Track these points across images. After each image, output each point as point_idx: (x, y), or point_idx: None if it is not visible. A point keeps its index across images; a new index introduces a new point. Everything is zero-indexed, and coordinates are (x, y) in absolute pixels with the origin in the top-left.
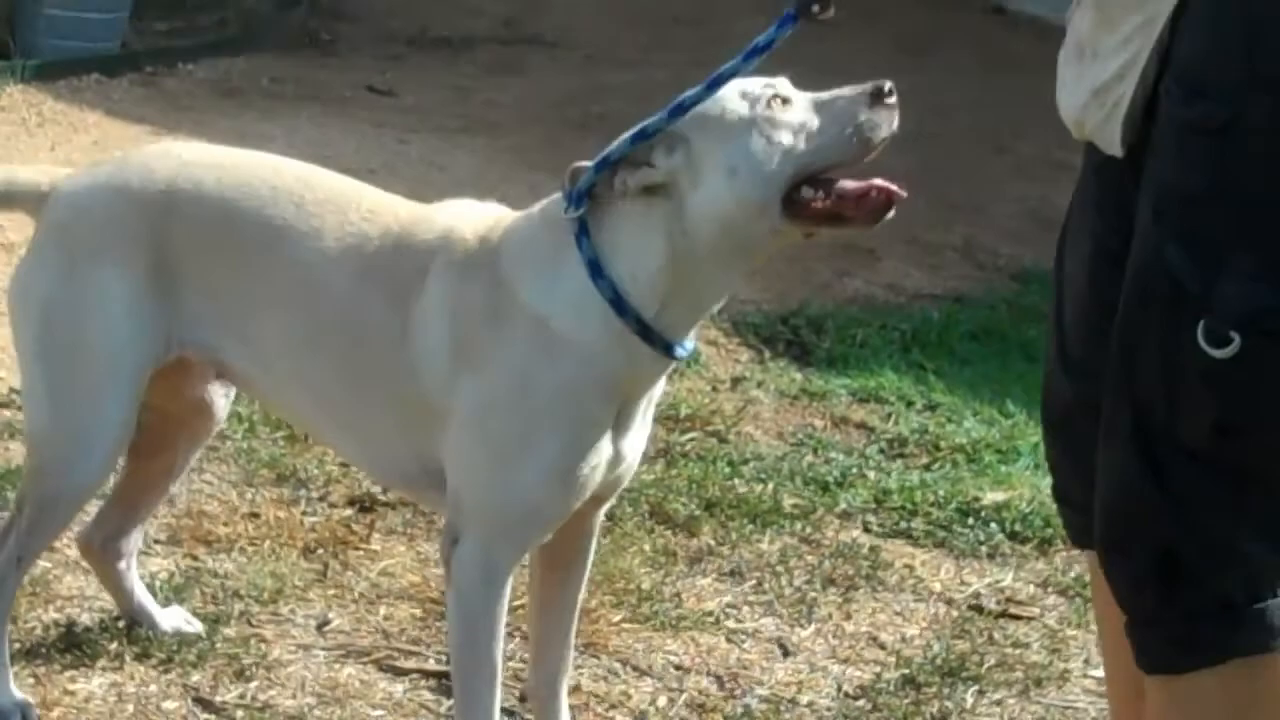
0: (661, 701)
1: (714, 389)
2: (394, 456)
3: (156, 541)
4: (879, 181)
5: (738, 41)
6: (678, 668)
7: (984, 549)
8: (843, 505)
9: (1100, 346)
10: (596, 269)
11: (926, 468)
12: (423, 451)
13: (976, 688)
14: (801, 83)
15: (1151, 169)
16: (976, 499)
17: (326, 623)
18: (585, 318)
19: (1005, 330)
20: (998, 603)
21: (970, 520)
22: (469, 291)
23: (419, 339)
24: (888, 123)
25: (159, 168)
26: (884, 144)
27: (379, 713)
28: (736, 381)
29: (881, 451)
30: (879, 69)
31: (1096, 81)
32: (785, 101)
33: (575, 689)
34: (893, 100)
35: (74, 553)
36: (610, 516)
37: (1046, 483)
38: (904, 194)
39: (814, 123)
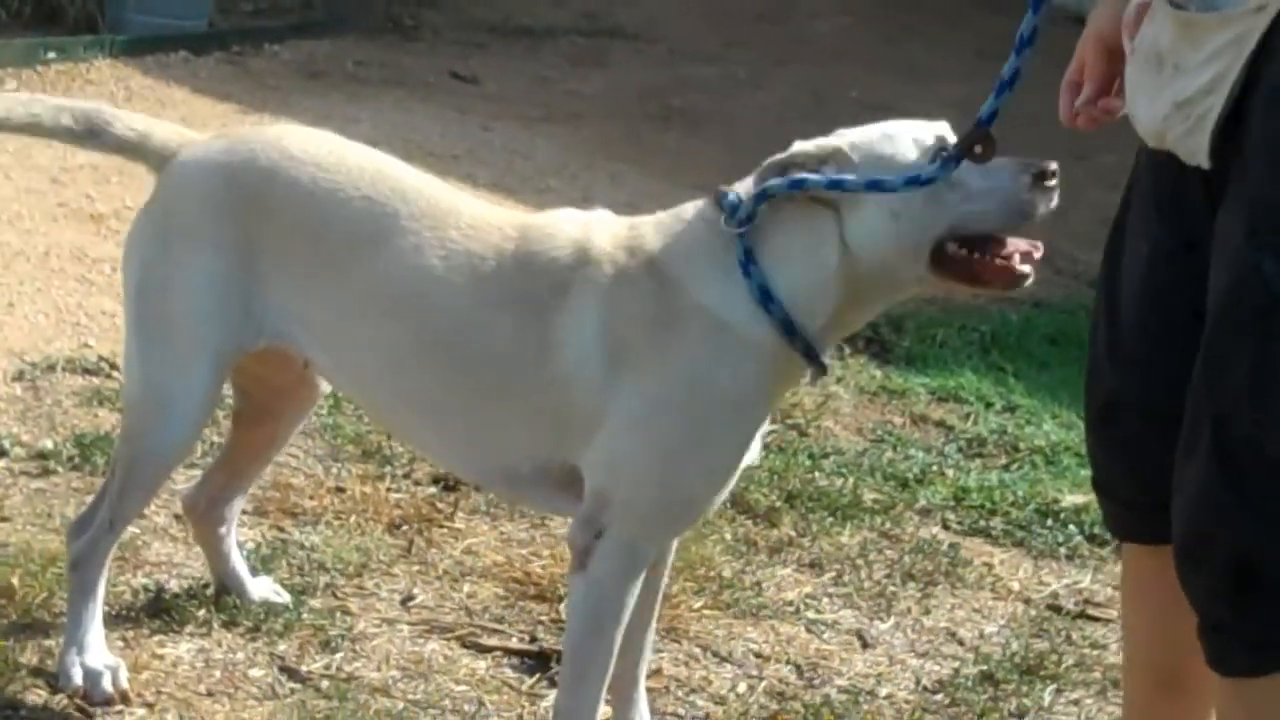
0: (741, 688)
1: None
2: (500, 460)
3: (244, 513)
4: (1020, 253)
5: (818, 40)
6: (758, 655)
7: (1062, 550)
8: (922, 502)
9: (1158, 346)
10: (762, 284)
11: (1005, 468)
12: (543, 455)
13: (1054, 686)
14: (888, 85)
15: (1243, 184)
16: (1055, 500)
17: (411, 598)
18: (754, 318)
19: (1083, 335)
20: (1076, 603)
21: (1049, 521)
22: (627, 300)
23: (566, 355)
24: (1045, 203)
25: (262, 158)
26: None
27: (462, 688)
28: None
29: (960, 450)
30: (960, 75)
31: (1180, 95)
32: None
33: (656, 673)
34: (1054, 184)
35: (163, 520)
36: None
37: None
38: (1031, 277)
39: (976, 186)
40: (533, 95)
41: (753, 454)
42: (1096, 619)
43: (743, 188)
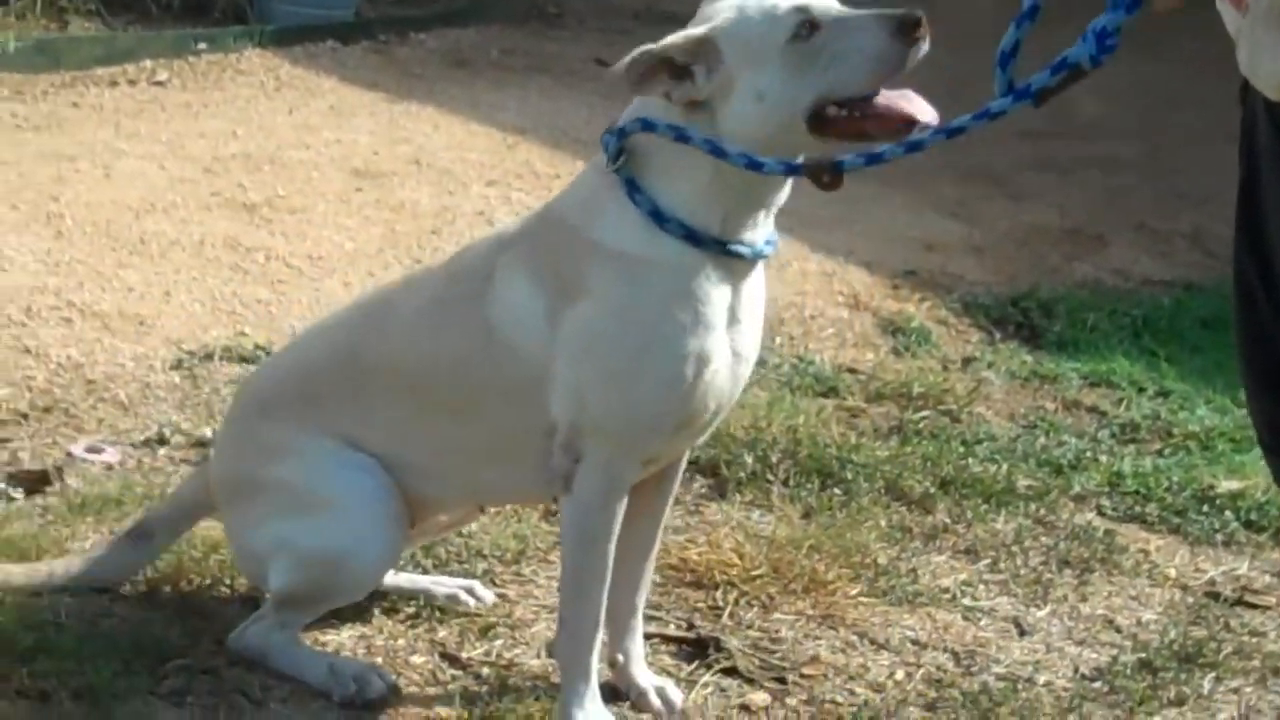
0: (899, 675)
1: (945, 368)
2: (530, 460)
3: None
4: (901, 104)
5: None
6: (915, 643)
7: (1219, 536)
8: (1076, 488)
9: None
10: (651, 209)
11: (1159, 453)
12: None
13: (1214, 674)
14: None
15: None
16: (1211, 486)
17: None
18: (652, 239)
19: None
20: (1233, 590)
21: (1205, 508)
22: (541, 256)
23: (507, 322)
24: (908, 57)
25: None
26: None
27: None
28: (967, 362)
29: (1114, 436)
30: (1111, 58)
31: None
32: (813, 27)
33: (813, 659)
34: (921, 32)
35: None
36: (846, 491)
37: None
38: (931, 119)
39: (836, 49)
40: None
41: (750, 351)
42: (1254, 606)
43: (623, 117)
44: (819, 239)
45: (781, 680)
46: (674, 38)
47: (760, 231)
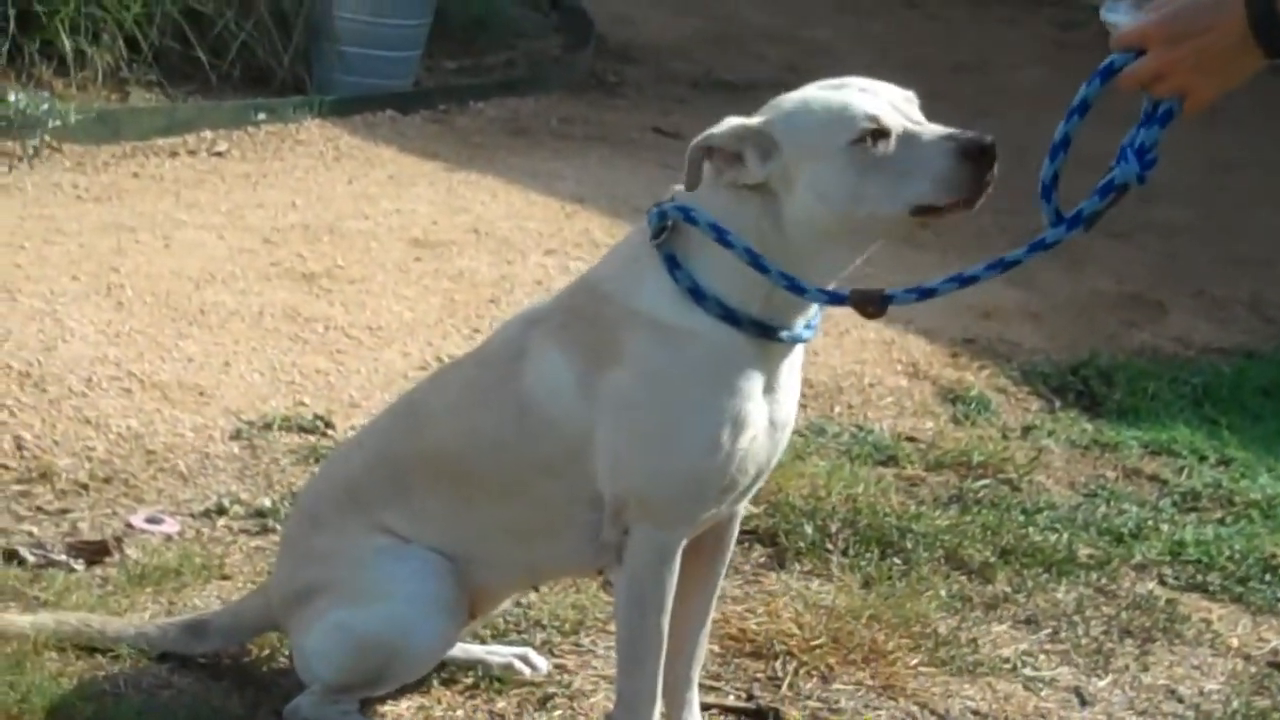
0: None
1: (1004, 437)
2: (577, 534)
3: None
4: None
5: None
6: (975, 713)
7: None
8: (1138, 557)
9: None
10: (690, 285)
11: (1221, 522)
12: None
13: None
14: (1091, 135)
15: None
16: (1274, 555)
17: None
18: (689, 312)
19: None
20: None
21: (1268, 576)
22: (576, 327)
23: (540, 399)
24: (971, 184)
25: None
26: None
27: None
28: (1027, 430)
29: (1175, 505)
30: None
31: None
32: (880, 135)
33: None
34: (988, 161)
35: None
36: (905, 560)
37: None
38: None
39: (904, 163)
40: None
41: (788, 417)
42: None
43: (678, 193)
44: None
45: None
46: (722, 128)
47: (802, 317)
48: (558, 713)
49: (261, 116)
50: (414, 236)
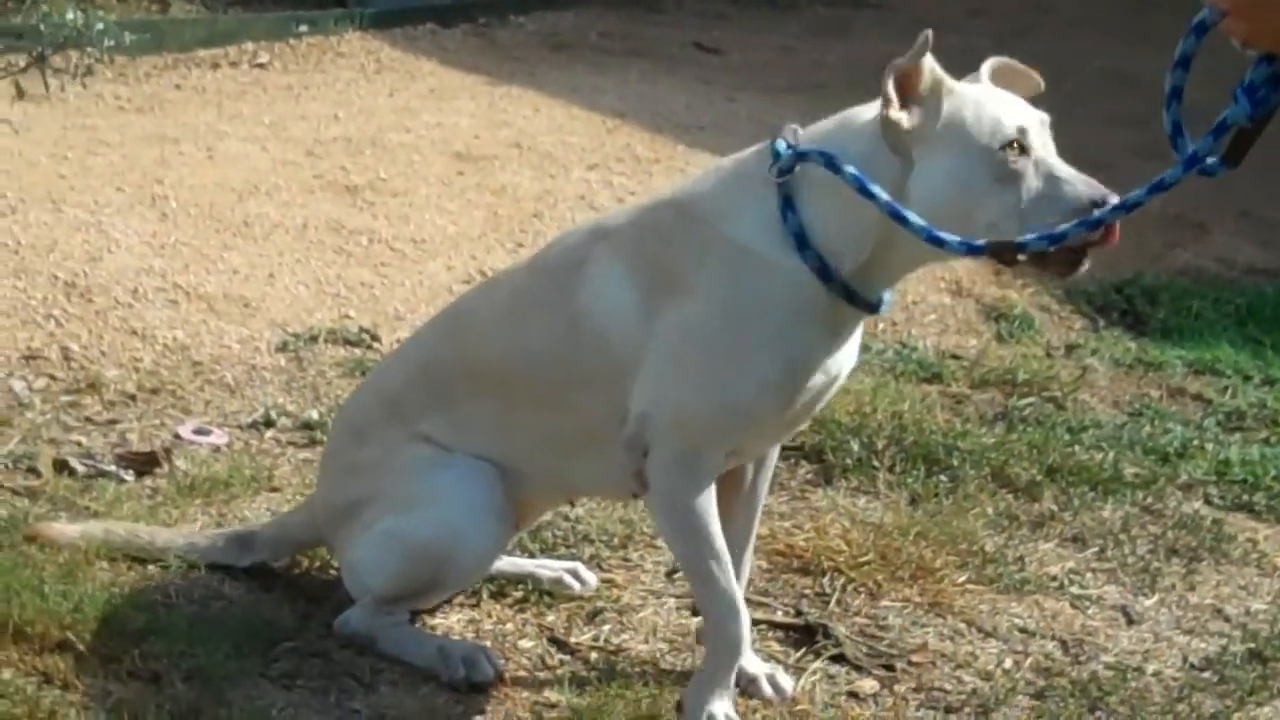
0: (1007, 664)
1: (1048, 355)
2: (611, 456)
3: None
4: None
5: (1060, 9)
6: (1022, 630)
7: None
8: (1183, 476)
9: None
10: (797, 231)
11: (1266, 442)
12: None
13: None
14: (1131, 55)
15: None
16: None
17: (675, 570)
18: (785, 253)
19: None
20: None
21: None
22: (650, 242)
23: (595, 312)
24: (1093, 239)
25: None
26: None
27: None
28: (1071, 349)
29: (1219, 424)
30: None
31: None
32: (1024, 151)
33: (921, 647)
34: (1112, 224)
35: None
36: (952, 478)
37: None
38: (1107, 244)
39: (1037, 188)
40: (776, 66)
41: (844, 369)
42: None
43: (805, 134)
44: None
45: (890, 668)
46: (925, 61)
47: (885, 289)
48: (607, 627)
49: (303, 29)
50: (456, 150)
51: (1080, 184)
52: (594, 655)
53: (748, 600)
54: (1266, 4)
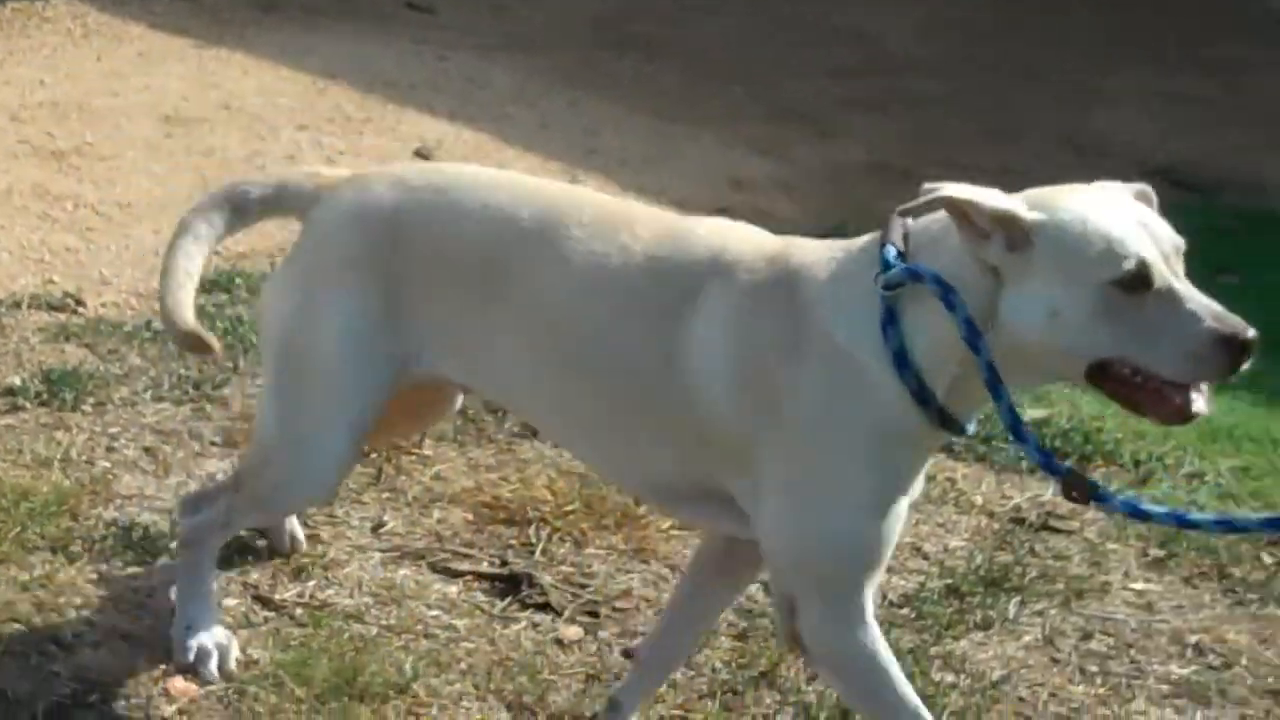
0: None
1: None
2: (650, 473)
3: (213, 444)
4: (1184, 395)
5: None
6: None
7: (1024, 464)
8: None
9: None
10: (898, 349)
11: None
12: (697, 475)
13: (1019, 598)
14: (857, 9)
15: None
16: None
17: (381, 525)
18: (885, 369)
19: None
20: (1038, 516)
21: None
22: (761, 319)
23: (692, 368)
24: (1218, 372)
25: (387, 196)
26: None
27: (435, 613)
28: None
29: None
30: None
31: None
32: (1144, 285)
33: (626, 592)
34: (1246, 355)
35: (132, 452)
36: None
37: (1086, 400)
38: (1205, 411)
39: (1158, 321)
40: (488, 24)
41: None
42: (1059, 531)
43: (914, 234)
44: (631, 178)
45: (594, 614)
46: (985, 200)
47: (975, 411)
48: (312, 583)
49: None
50: (164, 114)
51: (1208, 316)
52: (299, 611)
53: (454, 552)
54: None
